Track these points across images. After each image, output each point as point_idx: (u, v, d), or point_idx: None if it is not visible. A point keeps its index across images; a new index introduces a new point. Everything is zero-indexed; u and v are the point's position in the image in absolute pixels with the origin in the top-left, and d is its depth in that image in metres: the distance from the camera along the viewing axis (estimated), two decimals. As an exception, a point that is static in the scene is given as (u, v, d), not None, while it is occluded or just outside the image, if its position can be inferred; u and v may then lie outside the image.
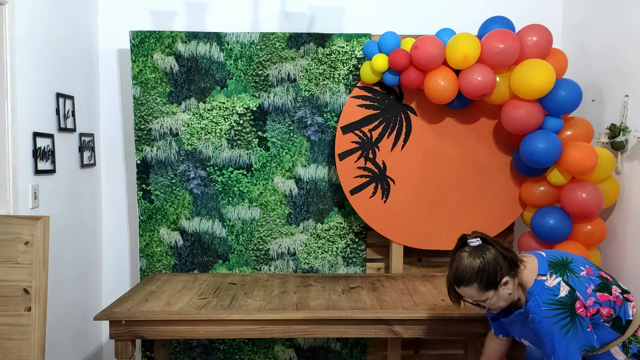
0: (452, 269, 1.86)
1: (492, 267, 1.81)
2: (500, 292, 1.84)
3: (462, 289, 1.85)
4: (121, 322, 2.30)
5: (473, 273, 1.80)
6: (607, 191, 2.66)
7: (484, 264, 1.81)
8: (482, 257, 1.82)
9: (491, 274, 1.81)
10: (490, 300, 1.85)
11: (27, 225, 2.04)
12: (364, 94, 2.99)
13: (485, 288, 1.82)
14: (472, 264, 1.81)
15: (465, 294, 1.86)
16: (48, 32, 2.62)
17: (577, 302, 1.79)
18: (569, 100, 2.61)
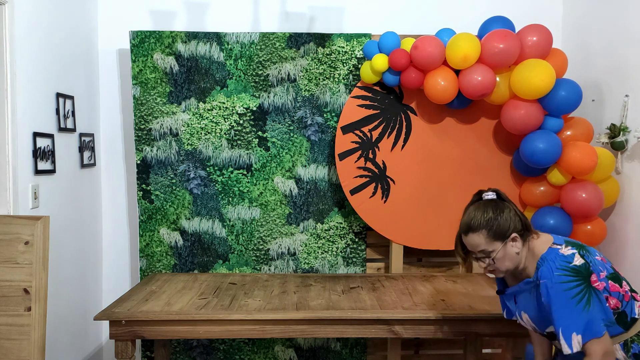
0: (463, 219, 1.84)
1: (503, 219, 1.78)
2: (508, 247, 1.78)
3: (470, 237, 1.80)
4: (121, 322, 2.30)
5: (483, 220, 1.78)
6: (607, 191, 2.66)
7: (495, 213, 1.78)
8: (494, 208, 1.80)
9: (501, 225, 1.77)
10: (496, 253, 1.78)
11: (27, 225, 2.04)
12: (364, 94, 2.99)
13: (494, 237, 1.77)
14: (483, 212, 1.80)
15: (472, 242, 1.80)
16: (48, 32, 2.62)
17: (592, 275, 1.72)
18: (569, 100, 2.61)
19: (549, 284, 1.71)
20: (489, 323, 2.36)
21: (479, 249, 1.81)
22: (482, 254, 1.81)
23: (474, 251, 1.82)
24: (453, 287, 2.74)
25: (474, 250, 1.82)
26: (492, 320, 2.35)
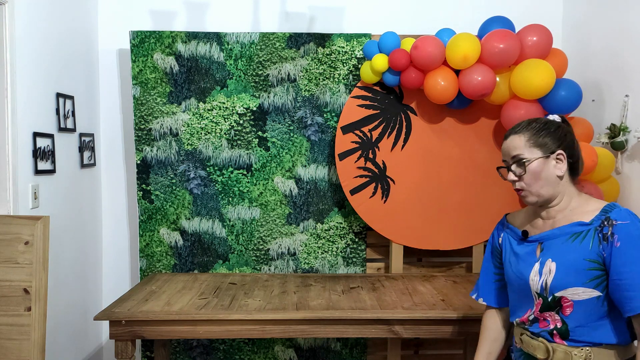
0: None
1: (555, 133, 1.54)
2: (550, 164, 1.52)
3: (510, 139, 1.58)
4: (121, 322, 2.30)
5: (531, 124, 1.57)
6: (607, 191, 2.66)
7: (549, 125, 1.56)
8: (551, 122, 1.57)
9: (551, 135, 1.53)
10: (532, 164, 1.51)
11: (27, 225, 2.04)
12: (364, 94, 2.99)
13: (535, 144, 1.53)
14: (536, 120, 1.58)
15: (511, 144, 1.57)
16: (48, 32, 2.62)
17: None
18: (569, 100, 2.61)
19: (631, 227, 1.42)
20: (489, 323, 2.35)
21: (514, 153, 1.56)
22: (515, 160, 1.56)
23: (508, 158, 1.58)
24: (453, 287, 2.75)
25: (508, 157, 1.58)
26: (492, 320, 2.35)
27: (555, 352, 1.51)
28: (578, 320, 1.49)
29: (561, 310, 1.51)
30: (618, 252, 1.42)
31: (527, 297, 1.59)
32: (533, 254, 1.58)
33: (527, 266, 1.58)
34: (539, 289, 1.54)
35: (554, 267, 1.50)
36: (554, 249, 1.53)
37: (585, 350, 1.48)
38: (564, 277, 1.49)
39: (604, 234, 1.46)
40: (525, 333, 1.60)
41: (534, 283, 1.55)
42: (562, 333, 1.51)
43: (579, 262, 1.47)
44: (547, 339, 1.53)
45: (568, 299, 1.48)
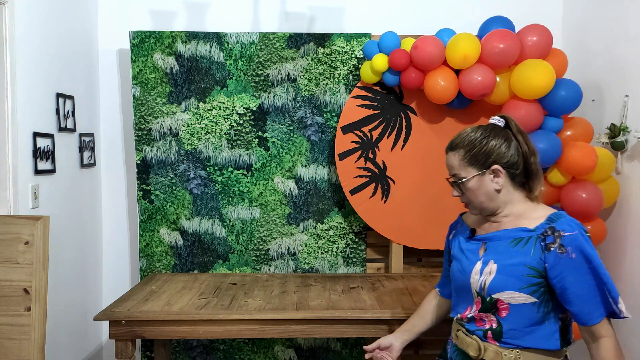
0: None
1: (490, 145, 1.53)
2: (486, 179, 1.53)
3: (448, 156, 1.62)
4: (121, 322, 2.30)
5: (465, 139, 1.57)
6: (607, 191, 2.66)
7: (483, 138, 1.54)
8: (488, 131, 1.55)
9: (484, 151, 1.53)
10: (469, 183, 1.55)
11: (27, 225, 2.04)
12: (364, 94, 2.99)
13: (470, 162, 1.55)
14: (474, 132, 1.57)
15: (448, 162, 1.62)
16: (48, 32, 2.62)
17: None
18: (569, 100, 2.61)
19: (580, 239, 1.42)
20: (489, 323, 2.35)
21: (452, 172, 1.61)
22: (455, 178, 1.60)
23: (449, 173, 1.63)
24: (453, 287, 2.74)
25: (449, 172, 1.63)
26: (492, 320, 2.34)
27: (486, 351, 1.53)
28: (512, 323, 1.50)
29: (497, 312, 1.52)
30: (573, 264, 1.42)
31: (467, 294, 1.61)
32: (477, 253, 1.60)
33: (469, 264, 1.60)
34: (478, 287, 1.55)
35: (495, 269, 1.51)
36: (497, 250, 1.54)
37: (515, 352, 1.50)
38: (502, 280, 1.50)
39: (546, 243, 1.46)
40: (462, 330, 1.64)
41: (474, 281, 1.57)
42: (495, 334, 1.52)
43: (519, 267, 1.48)
44: (480, 337, 1.56)
45: (504, 302, 1.50)
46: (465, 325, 1.62)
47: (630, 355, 2.61)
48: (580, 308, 1.44)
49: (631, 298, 2.61)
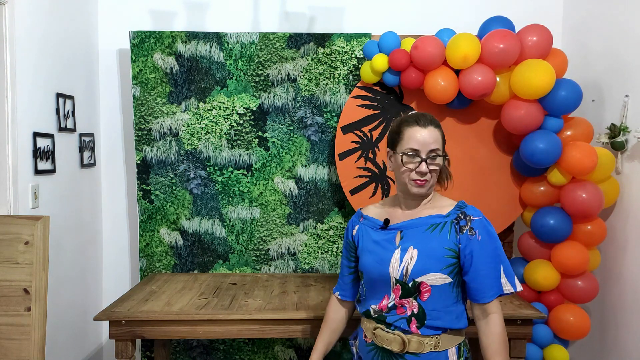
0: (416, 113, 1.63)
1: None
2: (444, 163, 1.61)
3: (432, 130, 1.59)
4: (121, 322, 2.30)
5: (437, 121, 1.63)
6: (607, 191, 2.66)
7: None
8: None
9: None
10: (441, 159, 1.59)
11: (27, 225, 2.04)
12: (364, 94, 2.99)
13: (443, 143, 1.61)
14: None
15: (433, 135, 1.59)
16: (48, 32, 2.62)
17: None
18: (569, 100, 2.61)
19: (485, 223, 1.58)
20: (489, 323, 2.35)
21: (434, 147, 1.55)
22: (433, 153, 1.55)
23: (425, 149, 1.54)
24: (453, 287, 2.74)
25: (425, 148, 1.54)
26: (492, 320, 2.35)
27: (410, 343, 1.57)
28: (433, 304, 1.57)
29: (419, 296, 1.58)
30: (480, 245, 1.55)
31: (384, 284, 1.61)
32: (393, 242, 1.62)
33: (387, 252, 1.61)
34: (399, 275, 1.58)
35: (416, 254, 1.57)
36: (415, 237, 1.59)
37: (435, 339, 1.58)
38: (424, 263, 1.56)
39: (460, 226, 1.57)
40: (380, 327, 1.62)
41: (393, 269, 1.59)
42: (419, 318, 1.57)
43: (439, 249, 1.56)
44: (404, 328, 1.58)
45: (427, 284, 1.56)
46: (386, 318, 1.61)
47: (631, 355, 2.61)
48: (481, 285, 1.57)
49: (631, 298, 2.61)
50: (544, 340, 2.76)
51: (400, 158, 1.57)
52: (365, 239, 1.69)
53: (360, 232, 1.71)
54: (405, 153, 1.55)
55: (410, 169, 1.56)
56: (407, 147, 1.55)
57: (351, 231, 1.76)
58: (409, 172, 1.56)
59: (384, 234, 1.64)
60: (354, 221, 1.76)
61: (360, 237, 1.71)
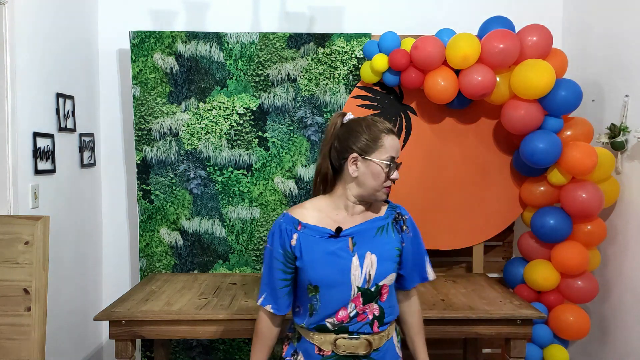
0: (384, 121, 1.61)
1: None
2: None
3: (397, 140, 1.63)
4: (121, 322, 2.30)
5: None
6: (607, 191, 2.66)
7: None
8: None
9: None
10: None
11: (27, 225, 2.04)
12: (364, 94, 2.99)
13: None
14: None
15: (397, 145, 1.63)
16: (48, 32, 2.62)
17: None
18: (569, 100, 2.61)
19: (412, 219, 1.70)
20: (488, 323, 2.36)
21: (398, 155, 1.60)
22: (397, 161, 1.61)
23: (396, 156, 1.59)
24: (453, 287, 2.75)
25: (396, 154, 1.59)
26: (492, 320, 2.35)
27: (374, 342, 1.59)
28: (389, 302, 1.63)
29: (380, 298, 1.59)
30: (412, 240, 1.67)
31: (344, 294, 1.55)
32: (347, 249, 1.57)
33: (345, 262, 1.55)
34: (362, 282, 1.55)
35: (375, 259, 1.56)
36: (367, 242, 1.58)
37: (387, 330, 1.64)
38: (384, 266, 1.58)
39: (400, 226, 1.66)
40: (342, 337, 1.57)
41: (355, 278, 1.55)
42: (380, 318, 1.59)
43: (391, 250, 1.61)
44: (368, 332, 1.58)
45: (387, 285, 1.60)
46: (348, 328, 1.56)
47: (631, 355, 2.61)
48: (411, 275, 1.70)
49: (631, 298, 2.61)
50: (544, 340, 2.76)
51: (379, 166, 1.55)
52: (314, 250, 1.56)
53: (301, 241, 1.57)
54: (386, 161, 1.55)
55: (390, 177, 1.57)
56: (388, 155, 1.55)
57: (288, 240, 1.58)
58: (385, 180, 1.56)
59: (336, 242, 1.56)
60: (289, 229, 1.58)
61: (303, 248, 1.56)
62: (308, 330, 1.61)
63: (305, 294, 1.59)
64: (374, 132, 1.56)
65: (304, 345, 1.62)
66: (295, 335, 1.67)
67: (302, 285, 1.60)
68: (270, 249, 1.61)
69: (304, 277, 1.58)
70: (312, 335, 1.60)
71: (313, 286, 1.56)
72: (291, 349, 1.67)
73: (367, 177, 1.55)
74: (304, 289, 1.60)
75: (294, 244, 1.57)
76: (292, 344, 1.67)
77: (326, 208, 1.61)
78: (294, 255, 1.58)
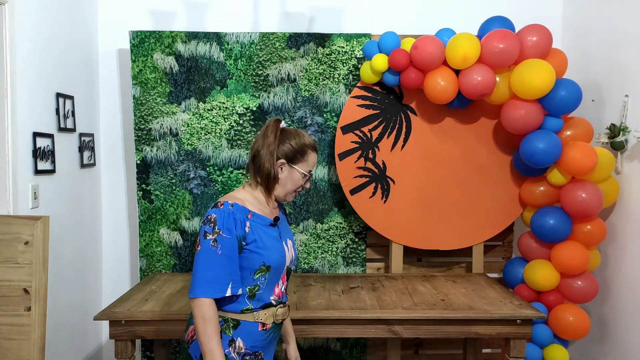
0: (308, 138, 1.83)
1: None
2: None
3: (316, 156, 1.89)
4: (121, 322, 2.30)
5: None
6: (607, 191, 2.66)
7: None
8: None
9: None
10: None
11: (27, 225, 2.04)
12: (364, 94, 2.99)
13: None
14: None
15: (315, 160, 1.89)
16: (48, 32, 2.62)
17: None
18: (569, 100, 2.61)
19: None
20: (488, 323, 2.36)
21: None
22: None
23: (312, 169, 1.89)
24: (453, 287, 2.75)
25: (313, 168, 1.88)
26: (492, 320, 2.35)
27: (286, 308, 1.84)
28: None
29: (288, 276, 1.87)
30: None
31: (281, 272, 1.81)
32: (278, 236, 1.83)
33: (281, 246, 1.81)
34: (291, 263, 1.85)
35: (291, 244, 1.87)
36: (285, 230, 1.89)
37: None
38: (294, 249, 1.90)
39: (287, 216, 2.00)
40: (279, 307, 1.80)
41: (288, 259, 1.82)
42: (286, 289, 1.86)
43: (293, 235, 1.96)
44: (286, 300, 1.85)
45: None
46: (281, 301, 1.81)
47: (631, 355, 2.61)
48: None
49: (631, 298, 2.61)
50: (543, 340, 2.76)
51: (298, 175, 1.80)
52: (263, 236, 1.75)
53: (253, 228, 1.73)
54: (305, 173, 1.81)
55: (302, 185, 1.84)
56: (308, 169, 1.81)
57: (243, 228, 1.71)
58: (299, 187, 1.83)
59: (273, 230, 1.80)
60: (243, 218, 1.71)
61: (254, 234, 1.73)
62: (252, 311, 1.73)
63: (249, 276, 1.72)
64: (302, 146, 1.79)
65: (244, 329, 1.72)
66: (230, 324, 1.71)
67: (251, 267, 1.73)
68: (228, 238, 1.68)
69: (256, 259, 1.72)
70: (257, 314, 1.74)
71: (266, 266, 1.73)
72: (226, 339, 1.70)
73: (286, 181, 1.79)
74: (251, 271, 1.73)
75: (248, 230, 1.72)
76: (226, 334, 1.70)
77: (257, 201, 1.80)
78: (246, 242, 1.72)
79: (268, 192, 1.80)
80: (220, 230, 1.67)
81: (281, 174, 1.78)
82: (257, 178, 1.80)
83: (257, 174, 1.79)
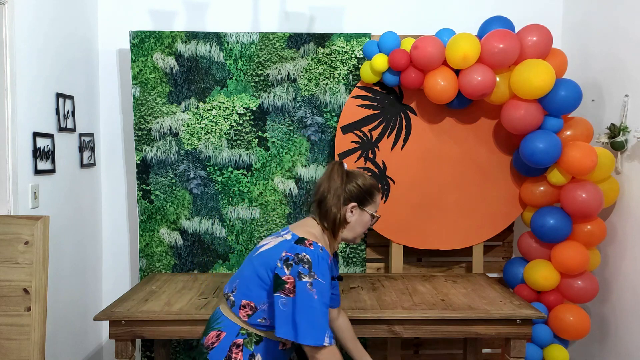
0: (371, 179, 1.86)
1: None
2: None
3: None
4: (121, 322, 2.30)
5: None
6: (607, 191, 2.66)
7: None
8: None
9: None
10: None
11: (27, 225, 2.04)
12: (364, 94, 2.99)
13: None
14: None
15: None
16: (48, 32, 2.62)
17: None
18: (569, 100, 2.62)
19: None
20: (489, 323, 2.36)
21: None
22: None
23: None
24: (453, 287, 2.75)
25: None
26: (492, 320, 2.35)
27: None
28: None
29: None
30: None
31: None
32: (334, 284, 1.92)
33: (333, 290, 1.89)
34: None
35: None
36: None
37: None
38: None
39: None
40: None
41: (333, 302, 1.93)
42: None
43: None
44: None
45: None
46: None
47: (631, 355, 2.61)
48: None
49: (631, 298, 2.61)
50: (543, 340, 2.77)
51: (367, 217, 1.81)
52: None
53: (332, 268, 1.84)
54: (374, 215, 1.83)
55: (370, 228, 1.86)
56: (375, 211, 1.84)
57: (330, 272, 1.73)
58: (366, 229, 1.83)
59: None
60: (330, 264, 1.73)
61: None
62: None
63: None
64: (370, 188, 1.82)
65: (265, 346, 1.72)
66: (252, 339, 1.71)
67: None
68: (323, 284, 1.63)
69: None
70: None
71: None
72: (247, 352, 1.70)
73: (356, 223, 1.79)
74: None
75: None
76: (247, 348, 1.70)
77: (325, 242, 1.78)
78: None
79: (334, 236, 1.78)
80: (316, 274, 1.62)
81: (351, 217, 1.78)
82: (324, 223, 1.76)
83: (324, 219, 1.76)
